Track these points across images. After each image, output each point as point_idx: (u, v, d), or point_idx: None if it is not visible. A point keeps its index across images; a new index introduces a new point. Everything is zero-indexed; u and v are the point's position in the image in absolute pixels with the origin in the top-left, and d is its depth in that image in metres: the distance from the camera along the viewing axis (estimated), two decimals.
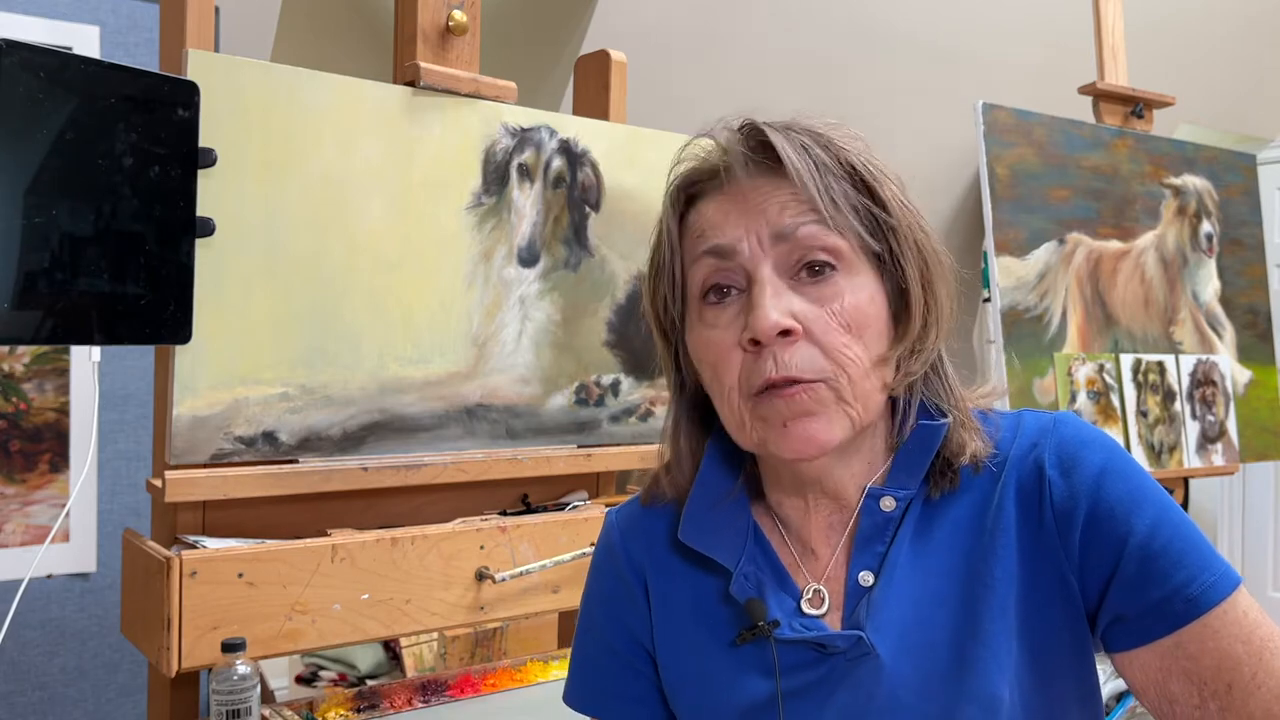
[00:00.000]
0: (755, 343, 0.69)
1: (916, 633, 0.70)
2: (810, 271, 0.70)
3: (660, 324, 0.79)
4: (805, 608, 0.74)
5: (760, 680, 0.74)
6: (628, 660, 0.82)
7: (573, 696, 0.86)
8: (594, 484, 1.60)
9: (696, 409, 0.80)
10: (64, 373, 1.70)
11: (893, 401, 0.75)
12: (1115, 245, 2.20)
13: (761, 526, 0.78)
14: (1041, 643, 0.70)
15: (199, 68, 1.17)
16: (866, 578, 0.73)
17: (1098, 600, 0.70)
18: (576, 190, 1.50)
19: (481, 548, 1.32)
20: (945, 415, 0.74)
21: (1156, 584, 0.67)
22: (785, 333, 0.68)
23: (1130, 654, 0.69)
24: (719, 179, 0.73)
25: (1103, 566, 0.69)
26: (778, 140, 0.70)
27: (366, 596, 1.23)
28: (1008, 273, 2.02)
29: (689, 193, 0.76)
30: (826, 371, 0.68)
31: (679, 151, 0.77)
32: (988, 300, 2.42)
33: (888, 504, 0.73)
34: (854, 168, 0.71)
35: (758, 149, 0.72)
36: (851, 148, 0.72)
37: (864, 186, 0.71)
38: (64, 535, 1.71)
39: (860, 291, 0.70)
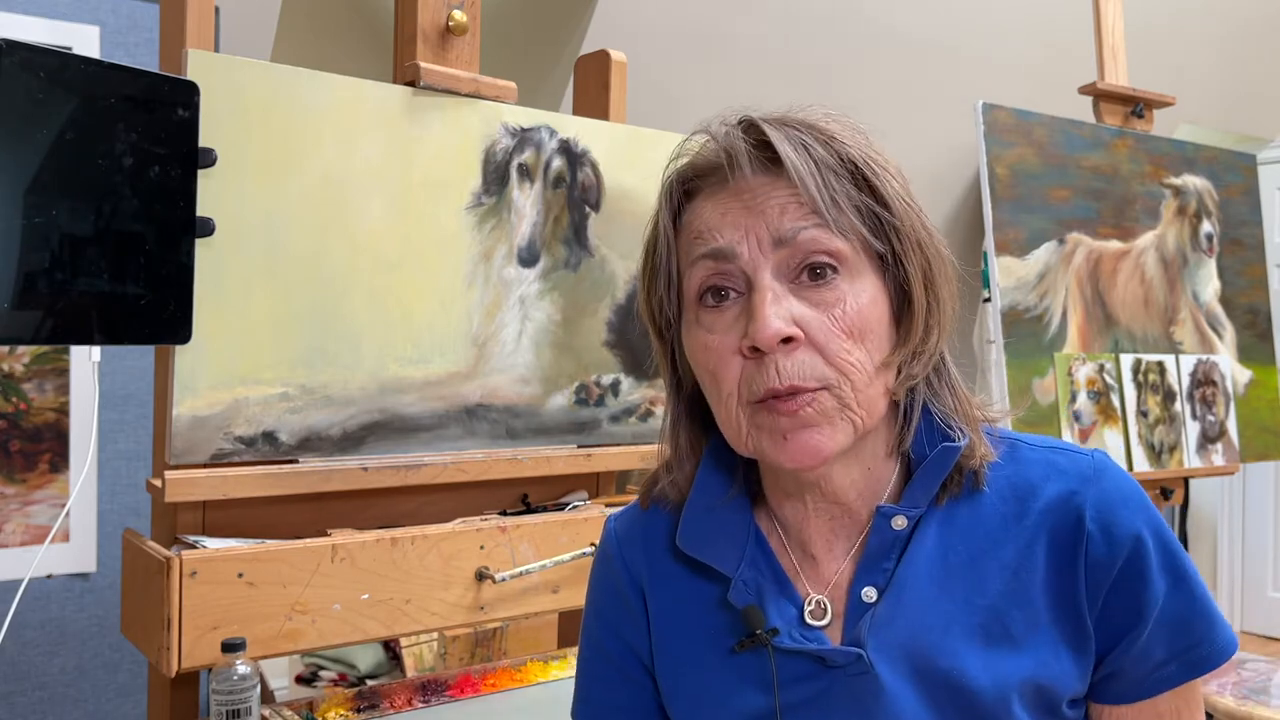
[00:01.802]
0: (756, 350, 0.67)
1: (923, 659, 0.69)
2: (811, 274, 0.68)
3: (655, 323, 0.77)
4: (808, 619, 0.73)
5: (759, 690, 0.73)
6: (625, 671, 0.81)
7: (577, 710, 0.85)
8: (594, 484, 1.60)
9: (694, 408, 0.79)
10: (64, 373, 1.70)
11: (894, 404, 0.73)
12: (1115, 245, 2.20)
13: (762, 530, 0.77)
14: (1051, 689, 0.70)
15: (199, 68, 1.17)
16: (870, 594, 0.71)
17: (1103, 654, 0.71)
18: (576, 190, 1.50)
19: (481, 548, 1.32)
20: (950, 423, 0.72)
21: (1161, 647, 0.70)
22: (787, 340, 0.66)
23: (1112, 708, 0.73)
24: (716, 176, 0.71)
25: (1120, 625, 0.70)
26: (776, 138, 0.68)
27: (366, 596, 1.23)
28: (1008, 273, 2.02)
29: (685, 189, 0.74)
30: (829, 378, 0.66)
31: (675, 149, 0.75)
32: (988, 300, 2.41)
33: (899, 523, 0.71)
34: (854, 164, 0.69)
35: (757, 146, 0.70)
36: (851, 142, 0.70)
37: (865, 183, 0.69)
38: (64, 535, 1.71)
39: (862, 295, 0.68)
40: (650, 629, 0.79)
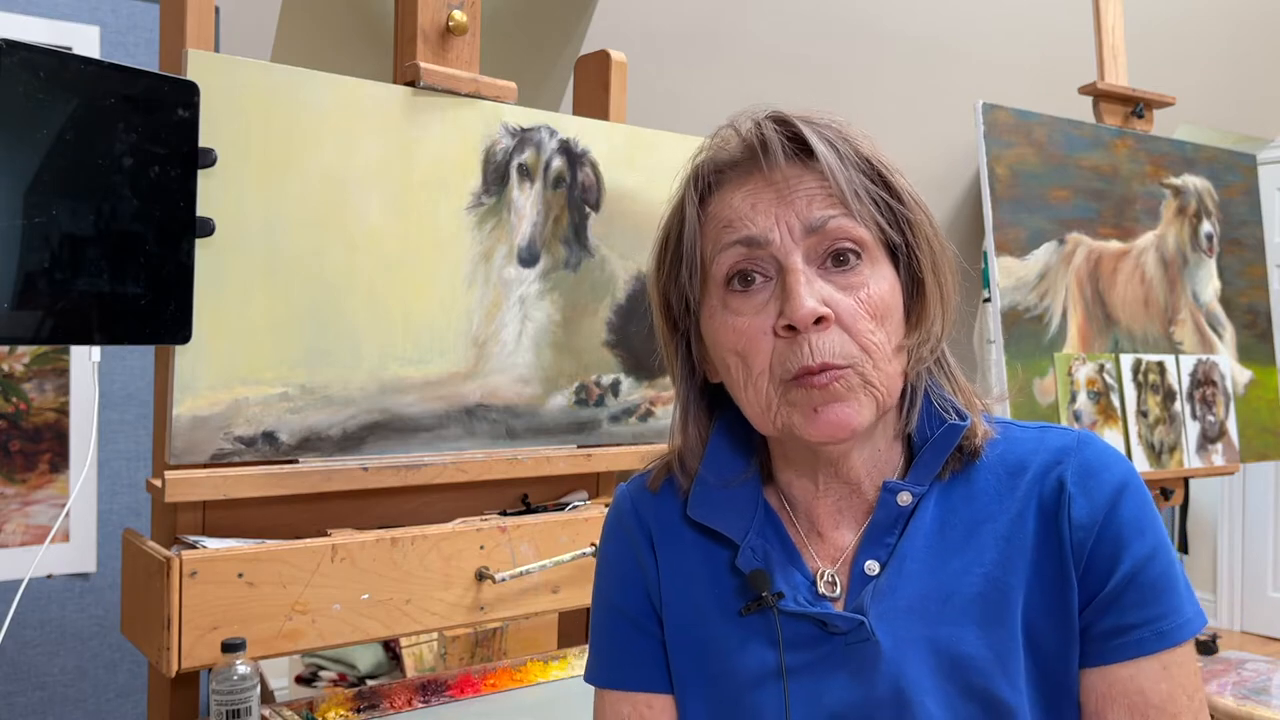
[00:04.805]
0: (789, 329, 0.71)
1: (923, 627, 0.72)
2: (836, 260, 0.73)
3: (669, 313, 0.80)
4: (822, 590, 0.76)
5: (765, 650, 0.76)
6: (640, 622, 0.83)
7: (592, 673, 0.86)
8: (594, 484, 1.60)
9: (704, 397, 0.83)
10: (64, 373, 1.70)
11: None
12: (1115, 245, 2.20)
13: (771, 505, 0.80)
14: (1048, 654, 0.72)
15: (199, 68, 1.17)
16: (872, 566, 0.75)
17: (1079, 612, 0.72)
18: (576, 190, 1.50)
19: (481, 548, 1.32)
20: (948, 405, 0.77)
21: (1135, 609, 0.71)
22: (819, 320, 0.70)
23: (1083, 672, 0.72)
24: (742, 167, 0.75)
25: (1096, 580, 0.72)
26: (808, 132, 0.73)
27: (366, 596, 1.23)
28: (1008, 273, 2.02)
29: (710, 179, 0.78)
30: (855, 357, 0.71)
31: (702, 144, 0.79)
32: (988, 300, 2.42)
33: (904, 499, 0.75)
34: (870, 161, 0.74)
35: (789, 138, 0.74)
36: (864, 142, 0.75)
37: (880, 180, 0.74)
38: (64, 535, 1.71)
39: (882, 281, 0.73)
40: (661, 581, 0.82)
